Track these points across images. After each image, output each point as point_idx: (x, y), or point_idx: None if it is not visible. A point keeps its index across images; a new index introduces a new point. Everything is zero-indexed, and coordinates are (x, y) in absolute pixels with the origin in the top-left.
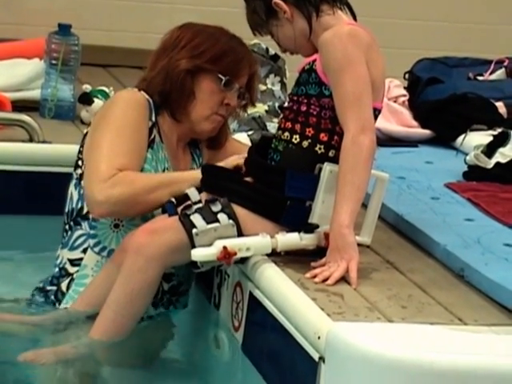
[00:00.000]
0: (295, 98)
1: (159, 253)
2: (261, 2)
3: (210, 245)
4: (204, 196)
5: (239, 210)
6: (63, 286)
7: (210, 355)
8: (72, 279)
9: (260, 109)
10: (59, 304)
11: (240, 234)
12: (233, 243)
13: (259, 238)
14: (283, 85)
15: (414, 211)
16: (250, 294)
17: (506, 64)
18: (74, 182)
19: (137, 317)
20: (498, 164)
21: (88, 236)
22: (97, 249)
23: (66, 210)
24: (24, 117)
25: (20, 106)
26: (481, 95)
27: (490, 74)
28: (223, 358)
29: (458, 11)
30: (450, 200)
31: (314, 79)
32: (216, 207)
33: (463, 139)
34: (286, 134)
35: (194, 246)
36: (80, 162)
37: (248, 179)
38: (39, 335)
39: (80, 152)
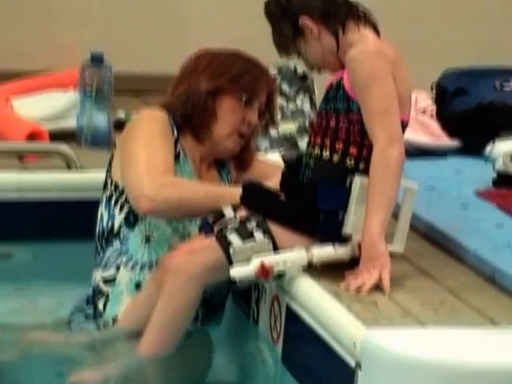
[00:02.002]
0: (324, 113)
1: (198, 272)
2: (287, 22)
3: (247, 262)
4: (239, 213)
5: (274, 226)
6: (100, 305)
7: (252, 368)
8: (108, 298)
9: (291, 127)
10: (99, 323)
11: (276, 249)
12: (270, 259)
13: (295, 253)
14: (313, 103)
15: (444, 219)
16: (287, 306)
17: None
18: (103, 202)
19: (179, 334)
20: None
21: (120, 253)
22: (129, 265)
23: (97, 231)
24: (61, 146)
25: (57, 135)
26: (507, 103)
27: None
28: (264, 370)
29: (481, 22)
30: (480, 207)
31: (342, 95)
32: (251, 224)
33: (491, 147)
34: (316, 149)
35: (231, 264)
36: (109, 182)
37: (281, 195)
38: (83, 355)
39: (108, 172)
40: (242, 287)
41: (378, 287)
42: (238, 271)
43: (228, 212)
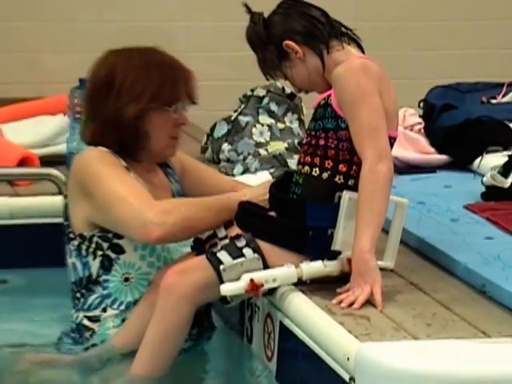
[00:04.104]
0: (313, 132)
1: (190, 292)
2: (271, 46)
3: (237, 279)
4: (230, 232)
5: (263, 244)
6: (87, 335)
7: None
8: (94, 332)
9: (280, 146)
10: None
11: (266, 266)
12: (259, 275)
13: (284, 269)
14: (301, 122)
15: (434, 234)
16: (281, 323)
17: None
18: (72, 253)
19: (173, 354)
20: None
21: (103, 297)
22: (115, 306)
23: (73, 279)
24: (52, 171)
25: (47, 160)
26: (494, 117)
27: (503, 96)
28: None
29: (466, 38)
30: (470, 220)
31: (330, 113)
32: (241, 243)
33: (480, 162)
34: (306, 167)
35: (222, 282)
36: (72, 235)
37: (271, 213)
38: (75, 377)
39: (67, 227)
40: (234, 304)
41: (369, 302)
42: (228, 288)
43: (219, 230)
